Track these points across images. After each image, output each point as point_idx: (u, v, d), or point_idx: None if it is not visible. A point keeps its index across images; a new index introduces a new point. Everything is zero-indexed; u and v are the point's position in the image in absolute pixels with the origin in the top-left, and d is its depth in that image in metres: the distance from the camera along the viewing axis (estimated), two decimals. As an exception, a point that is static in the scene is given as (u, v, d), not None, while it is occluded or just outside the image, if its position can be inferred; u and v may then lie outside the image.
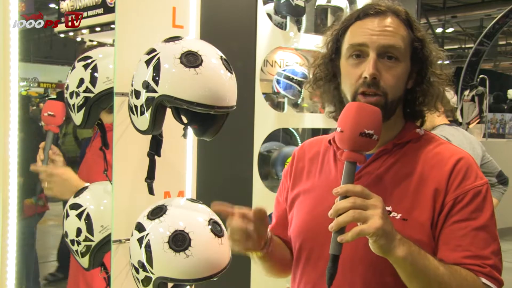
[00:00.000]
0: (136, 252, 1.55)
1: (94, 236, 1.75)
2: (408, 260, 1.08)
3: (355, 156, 1.10)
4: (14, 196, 1.85)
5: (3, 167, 1.81)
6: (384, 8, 1.26)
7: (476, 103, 9.40)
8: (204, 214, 1.58)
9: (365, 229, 1.02)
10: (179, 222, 1.52)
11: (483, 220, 1.17)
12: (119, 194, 1.77)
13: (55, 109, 2.10)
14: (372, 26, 1.23)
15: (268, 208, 2.98)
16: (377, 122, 1.11)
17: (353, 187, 1.06)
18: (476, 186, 1.19)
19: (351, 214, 1.03)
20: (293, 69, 3.27)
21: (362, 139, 1.09)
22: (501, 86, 13.81)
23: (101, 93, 1.78)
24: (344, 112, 1.13)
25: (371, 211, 1.03)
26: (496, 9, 12.60)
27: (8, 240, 1.86)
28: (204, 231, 1.54)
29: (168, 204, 1.59)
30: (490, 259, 1.16)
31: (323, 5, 3.25)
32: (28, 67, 15.21)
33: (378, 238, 1.03)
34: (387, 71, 1.21)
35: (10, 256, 1.88)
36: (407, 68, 1.25)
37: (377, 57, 1.21)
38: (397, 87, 1.23)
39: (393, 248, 1.06)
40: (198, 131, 1.64)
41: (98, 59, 1.82)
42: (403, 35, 1.24)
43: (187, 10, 1.92)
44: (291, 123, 3.21)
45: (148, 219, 1.55)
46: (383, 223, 1.02)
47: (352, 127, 1.09)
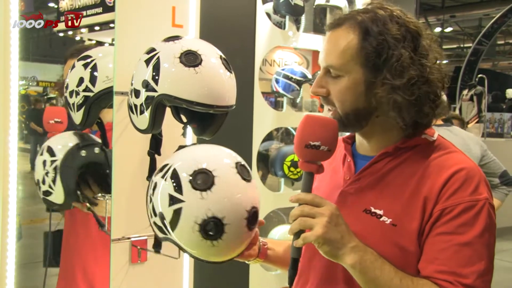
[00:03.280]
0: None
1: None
2: (357, 268, 1.10)
3: (307, 166, 1.14)
4: (14, 196, 1.86)
5: (3, 167, 1.81)
6: (340, 20, 1.24)
7: (475, 103, 9.42)
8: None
9: (308, 237, 1.08)
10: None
11: (470, 237, 1.11)
12: (119, 194, 1.78)
13: (61, 116, 2.12)
14: (324, 44, 1.27)
15: (268, 207, 2.98)
16: (326, 133, 1.13)
17: (304, 195, 1.12)
18: (471, 200, 1.13)
19: (298, 221, 1.10)
20: (292, 69, 3.27)
21: (309, 151, 1.13)
22: (499, 85, 13.82)
23: (101, 92, 1.79)
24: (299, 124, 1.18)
25: (316, 220, 1.08)
26: (495, 8, 12.62)
27: (8, 239, 1.87)
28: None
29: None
30: (468, 278, 1.09)
31: (322, 4, 3.25)
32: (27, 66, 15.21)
33: (320, 245, 1.09)
34: (333, 86, 1.23)
35: (10, 255, 1.89)
36: (355, 79, 1.20)
37: (325, 74, 1.24)
38: (345, 100, 1.21)
39: (340, 255, 1.10)
40: (198, 130, 1.64)
41: (98, 58, 1.83)
42: (347, 47, 1.20)
43: (186, 9, 1.93)
44: (290, 123, 3.22)
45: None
46: (324, 231, 1.07)
47: (298, 139, 1.14)
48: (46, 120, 2.14)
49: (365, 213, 1.21)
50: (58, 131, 2.11)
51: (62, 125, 2.13)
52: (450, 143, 1.28)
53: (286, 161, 3.05)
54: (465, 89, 9.96)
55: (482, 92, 9.46)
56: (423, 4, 13.12)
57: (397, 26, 1.19)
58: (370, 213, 1.20)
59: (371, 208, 1.20)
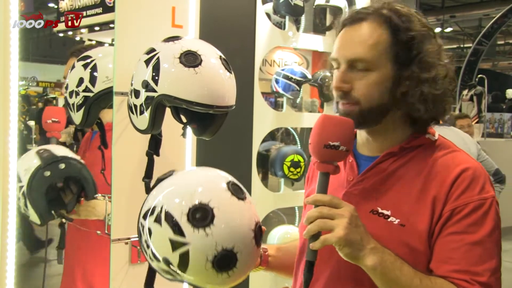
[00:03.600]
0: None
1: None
2: (378, 269, 1.08)
3: (325, 167, 1.13)
4: (14, 196, 1.86)
5: (3, 167, 1.82)
6: (361, 15, 1.23)
7: (475, 103, 9.43)
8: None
9: (328, 238, 1.06)
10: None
11: (481, 235, 1.13)
12: (118, 194, 1.78)
13: (59, 115, 2.13)
14: (343, 38, 1.24)
15: (268, 207, 2.98)
16: (344, 133, 1.12)
17: (321, 196, 1.11)
18: (480, 199, 1.15)
19: (317, 223, 1.07)
20: (292, 69, 3.27)
21: (328, 151, 1.11)
22: (499, 85, 13.83)
23: (101, 92, 1.79)
24: (315, 124, 1.16)
25: (336, 221, 1.06)
26: (495, 8, 12.62)
27: (8, 239, 1.87)
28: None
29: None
30: (482, 276, 1.11)
31: (322, 4, 3.25)
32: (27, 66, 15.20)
33: (342, 247, 1.07)
34: (359, 81, 1.20)
35: (10, 255, 1.89)
36: (384, 74, 1.20)
37: (348, 69, 1.21)
38: (372, 95, 1.20)
39: (361, 256, 1.08)
40: (197, 130, 1.64)
41: (98, 59, 1.83)
42: (377, 41, 1.19)
43: (186, 10, 1.93)
44: (290, 123, 3.22)
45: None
46: (346, 233, 1.05)
47: (316, 139, 1.12)
48: (45, 119, 2.15)
49: (372, 214, 1.20)
50: (56, 131, 2.12)
51: (60, 125, 2.13)
52: (451, 142, 1.29)
53: (286, 161, 3.06)
54: (465, 89, 9.96)
55: (482, 92, 9.46)
56: (423, 4, 13.13)
57: (419, 23, 1.22)
58: (378, 214, 1.20)
59: (378, 208, 1.20)
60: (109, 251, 1.79)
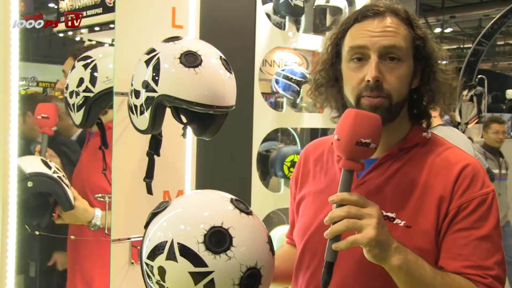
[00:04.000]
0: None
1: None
2: (403, 269, 1.07)
3: (352, 165, 1.08)
4: (14, 196, 1.86)
5: (3, 167, 1.81)
6: (382, 9, 1.23)
7: (475, 103, 9.41)
8: None
9: (359, 239, 1.02)
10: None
11: (487, 230, 1.15)
12: (119, 194, 1.78)
13: (48, 111, 2.13)
14: (371, 27, 1.21)
15: (268, 208, 2.98)
16: (375, 130, 1.08)
17: (349, 195, 1.06)
18: (482, 194, 1.17)
19: (345, 223, 1.03)
20: (292, 69, 3.27)
21: (359, 148, 1.07)
22: (499, 86, 13.81)
23: (101, 92, 1.79)
24: (341, 119, 1.11)
25: (366, 221, 1.03)
26: (495, 9, 12.61)
27: (8, 239, 1.87)
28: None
29: None
30: (493, 269, 1.14)
31: (322, 5, 3.25)
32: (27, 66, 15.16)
33: (372, 248, 1.03)
34: (390, 73, 1.19)
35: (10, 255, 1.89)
36: (410, 67, 1.22)
37: (378, 59, 1.18)
38: (401, 88, 1.21)
39: (388, 257, 1.05)
40: (198, 130, 1.64)
41: (98, 59, 1.83)
42: (404, 34, 1.21)
43: (186, 10, 1.93)
44: (290, 123, 3.22)
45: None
46: (377, 233, 1.02)
47: (349, 136, 1.07)
48: (36, 115, 2.16)
49: None
50: (46, 127, 2.13)
51: (49, 121, 2.14)
52: (443, 138, 1.32)
53: (286, 162, 3.06)
54: (465, 89, 9.94)
55: (482, 93, 9.45)
56: (423, 4, 13.12)
57: (421, 23, 1.25)
58: None
59: (382, 212, 1.19)
60: (109, 251, 1.79)
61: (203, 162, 2.02)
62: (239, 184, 2.69)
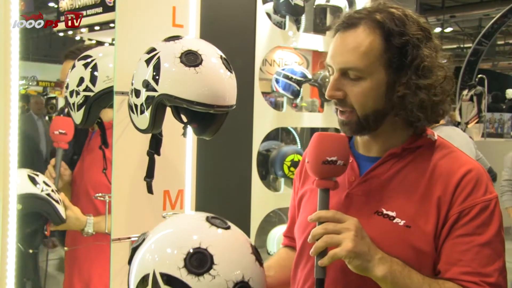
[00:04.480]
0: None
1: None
2: (388, 279, 1.08)
3: (325, 183, 1.14)
4: (14, 196, 1.85)
5: (3, 167, 1.81)
6: (354, 20, 1.21)
7: (475, 103, 9.41)
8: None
9: (338, 253, 1.06)
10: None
11: (488, 236, 1.14)
12: (119, 193, 1.78)
13: (66, 127, 2.13)
14: (336, 44, 1.23)
15: (267, 207, 2.98)
16: (339, 147, 1.14)
17: (325, 213, 1.11)
18: (485, 200, 1.16)
19: (325, 239, 1.08)
20: (292, 69, 3.27)
21: (327, 167, 1.12)
22: (499, 85, 13.83)
23: (101, 92, 1.79)
24: (309, 144, 1.17)
25: (343, 235, 1.07)
26: (495, 9, 12.61)
27: (8, 238, 1.87)
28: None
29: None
30: (492, 276, 1.13)
31: (322, 4, 3.26)
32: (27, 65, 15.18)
33: (352, 259, 1.06)
34: (352, 88, 1.20)
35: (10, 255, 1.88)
36: (378, 80, 1.19)
37: (341, 76, 1.21)
38: (366, 102, 1.19)
39: (371, 267, 1.08)
40: (198, 130, 1.64)
41: (98, 58, 1.83)
42: (370, 48, 1.17)
43: (187, 9, 1.93)
44: (290, 122, 3.22)
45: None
46: (354, 245, 1.06)
47: (314, 156, 1.13)
48: (52, 130, 2.15)
49: (377, 215, 1.20)
50: (62, 142, 2.13)
51: (67, 137, 2.14)
52: (448, 142, 1.30)
53: (286, 161, 3.06)
54: (465, 89, 9.94)
55: (482, 93, 9.45)
56: (423, 4, 13.12)
57: (415, 26, 1.20)
58: (382, 215, 1.19)
59: (382, 210, 1.20)
60: (108, 252, 1.79)
61: (204, 161, 2.02)
62: (239, 183, 2.69)
